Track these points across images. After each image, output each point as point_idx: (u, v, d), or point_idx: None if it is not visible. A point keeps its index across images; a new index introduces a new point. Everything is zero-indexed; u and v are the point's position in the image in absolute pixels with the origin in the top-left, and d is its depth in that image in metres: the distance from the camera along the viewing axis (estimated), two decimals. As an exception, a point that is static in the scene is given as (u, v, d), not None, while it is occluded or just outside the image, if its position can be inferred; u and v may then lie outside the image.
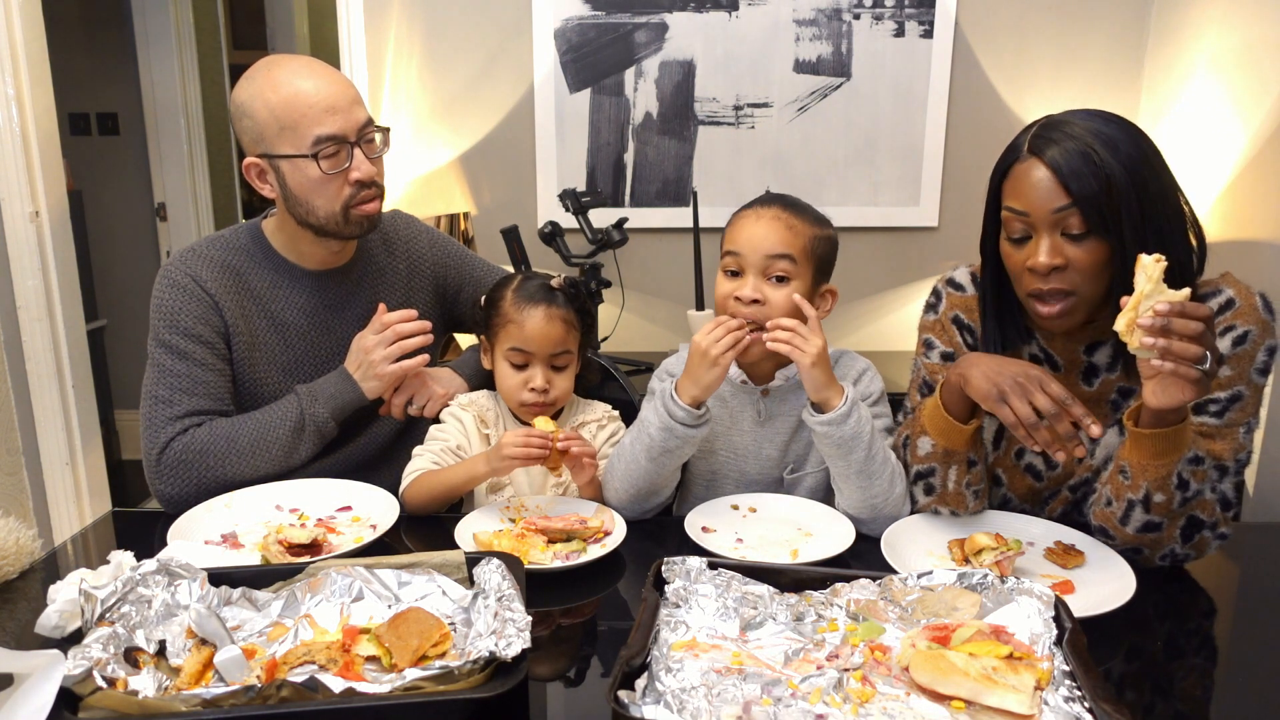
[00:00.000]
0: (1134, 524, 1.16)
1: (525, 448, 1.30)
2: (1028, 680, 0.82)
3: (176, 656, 0.90)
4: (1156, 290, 1.01)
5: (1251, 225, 2.12)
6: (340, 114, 1.38)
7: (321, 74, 1.40)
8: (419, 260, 1.65)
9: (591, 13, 2.58)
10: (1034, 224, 1.17)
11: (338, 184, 1.41)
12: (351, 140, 1.40)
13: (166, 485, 1.39)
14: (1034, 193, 1.16)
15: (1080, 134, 1.15)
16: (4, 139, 2.19)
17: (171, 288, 1.44)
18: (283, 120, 1.37)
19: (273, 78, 1.38)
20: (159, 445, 1.39)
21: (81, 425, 2.40)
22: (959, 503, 1.29)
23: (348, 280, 1.55)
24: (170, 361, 1.42)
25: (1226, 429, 1.19)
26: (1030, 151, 1.17)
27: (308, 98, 1.37)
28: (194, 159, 3.81)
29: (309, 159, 1.38)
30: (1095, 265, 1.15)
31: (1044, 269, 1.16)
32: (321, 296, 1.53)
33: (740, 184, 2.69)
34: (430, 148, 2.70)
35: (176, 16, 3.65)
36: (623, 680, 0.82)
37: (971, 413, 1.24)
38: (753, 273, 1.36)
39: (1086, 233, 1.14)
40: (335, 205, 1.42)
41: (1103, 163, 1.12)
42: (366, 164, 1.42)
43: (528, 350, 1.44)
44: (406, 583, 1.02)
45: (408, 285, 1.62)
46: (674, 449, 1.32)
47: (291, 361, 1.52)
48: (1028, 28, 2.59)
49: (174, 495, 1.39)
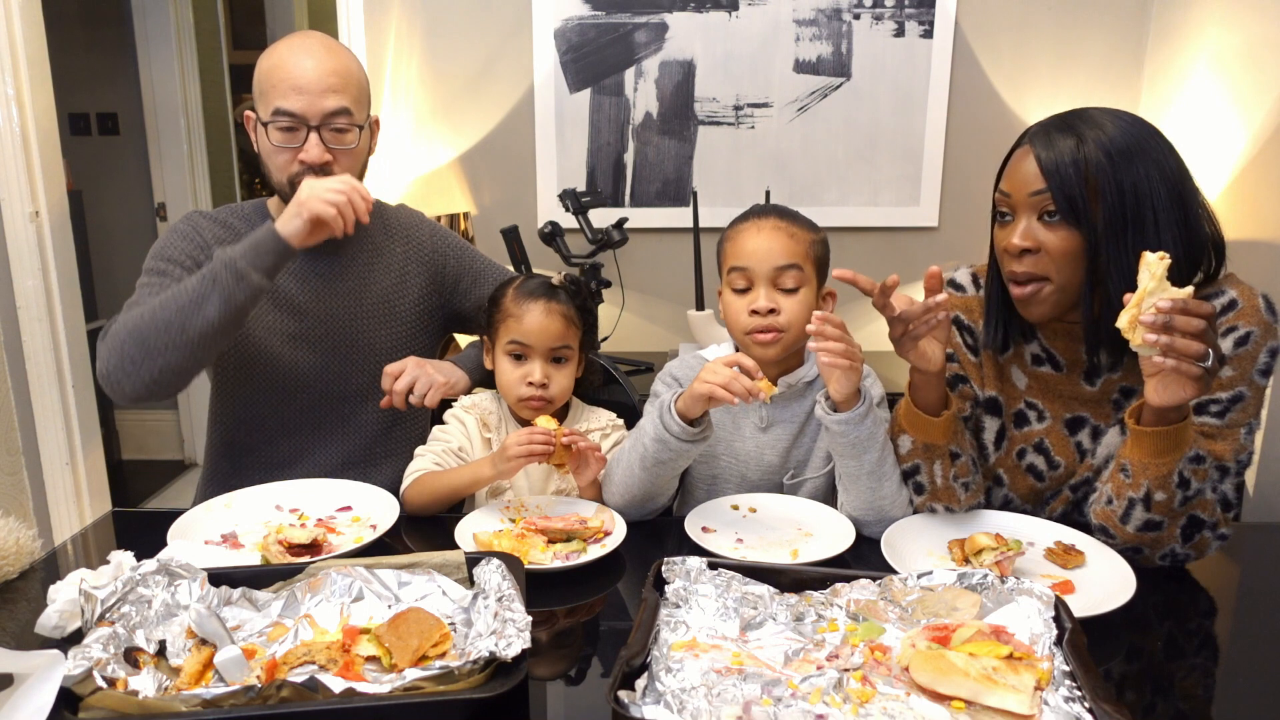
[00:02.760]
0: (1134, 523, 1.16)
1: (529, 445, 1.30)
2: (1028, 680, 0.82)
3: (176, 656, 0.89)
4: (1160, 287, 1.01)
5: (1252, 225, 2.12)
6: (304, 95, 1.42)
7: (313, 55, 1.44)
8: (417, 246, 1.66)
9: (591, 13, 2.58)
10: (1014, 206, 1.22)
11: (286, 158, 1.46)
12: (311, 124, 1.43)
13: (101, 362, 1.36)
14: (1018, 176, 1.21)
15: (1078, 126, 1.18)
16: (4, 139, 2.19)
17: (170, 232, 1.53)
18: (261, 84, 1.46)
19: (278, 46, 1.47)
20: (104, 330, 1.39)
21: (81, 425, 2.40)
22: (950, 498, 1.29)
23: (341, 254, 1.58)
24: (147, 279, 1.47)
25: (1228, 429, 1.19)
26: (1027, 138, 1.22)
27: (281, 71, 1.43)
28: (194, 159, 3.81)
29: (265, 126, 1.45)
30: (1067, 253, 1.18)
31: (1014, 250, 1.20)
32: (313, 264, 1.56)
33: (740, 184, 2.69)
34: (430, 148, 2.70)
35: (176, 16, 3.65)
36: (623, 680, 0.82)
37: (943, 405, 1.25)
38: (763, 284, 1.37)
39: (1060, 219, 1.17)
40: (282, 176, 1.48)
41: (1086, 153, 1.15)
42: (317, 149, 1.44)
43: (526, 344, 1.44)
44: (406, 583, 1.02)
45: (403, 268, 1.64)
46: (668, 460, 1.31)
47: (276, 321, 1.54)
48: (1028, 28, 2.59)
49: (104, 369, 1.35)
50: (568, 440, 1.32)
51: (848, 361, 1.22)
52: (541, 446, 1.30)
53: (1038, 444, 1.34)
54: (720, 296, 1.45)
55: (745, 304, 1.38)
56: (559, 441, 1.32)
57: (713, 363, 1.26)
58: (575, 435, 1.34)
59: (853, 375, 1.24)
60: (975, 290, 1.40)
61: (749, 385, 1.22)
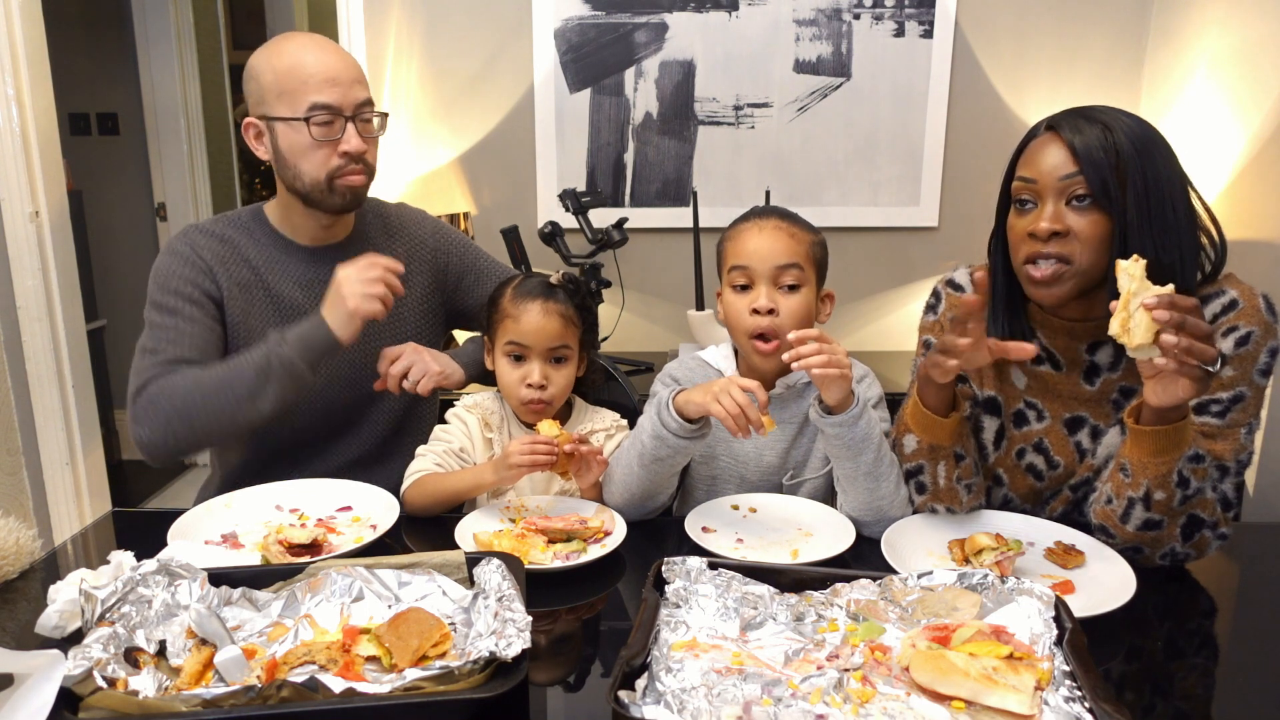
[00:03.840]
0: (1134, 522, 1.16)
1: (532, 455, 1.30)
2: (1028, 680, 0.82)
3: (176, 656, 0.89)
4: (1142, 288, 1.02)
5: (1251, 225, 2.12)
6: (339, 87, 1.42)
7: (329, 50, 1.45)
8: (419, 246, 1.66)
9: (591, 13, 2.58)
10: (1040, 191, 1.21)
11: (326, 152, 1.44)
12: (347, 115, 1.44)
13: (140, 427, 1.40)
14: (1044, 161, 1.20)
15: (1098, 116, 1.19)
16: (4, 139, 2.19)
17: (169, 255, 1.49)
18: (283, 84, 1.42)
19: (283, 47, 1.45)
20: (136, 387, 1.41)
21: (81, 425, 2.40)
22: (952, 498, 1.29)
23: (344, 257, 1.56)
24: (159, 318, 1.45)
25: (1228, 429, 1.19)
26: (1047, 128, 1.22)
27: (309, 67, 1.42)
28: (194, 159, 3.81)
29: (302, 123, 1.42)
30: (1095, 237, 1.18)
31: (1044, 233, 1.19)
32: (316, 271, 1.55)
33: (740, 184, 2.69)
34: (430, 148, 2.70)
35: (176, 16, 3.65)
36: (623, 680, 0.82)
37: (951, 407, 1.25)
38: (764, 284, 1.37)
39: (1091, 203, 1.17)
40: (321, 173, 1.45)
41: (1114, 140, 1.16)
42: (356, 139, 1.45)
43: (524, 344, 1.44)
44: (406, 583, 1.02)
45: (405, 268, 1.62)
46: (666, 458, 1.31)
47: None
48: (1028, 28, 2.59)
49: (146, 439, 1.40)
50: (570, 448, 1.32)
51: (836, 370, 1.22)
52: (545, 457, 1.30)
53: (1037, 444, 1.34)
54: (719, 297, 1.46)
55: (746, 303, 1.38)
56: (561, 450, 1.32)
57: (728, 382, 1.26)
58: (577, 442, 1.34)
59: (842, 382, 1.25)
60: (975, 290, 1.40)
61: (755, 420, 1.22)
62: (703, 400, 1.26)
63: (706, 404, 1.25)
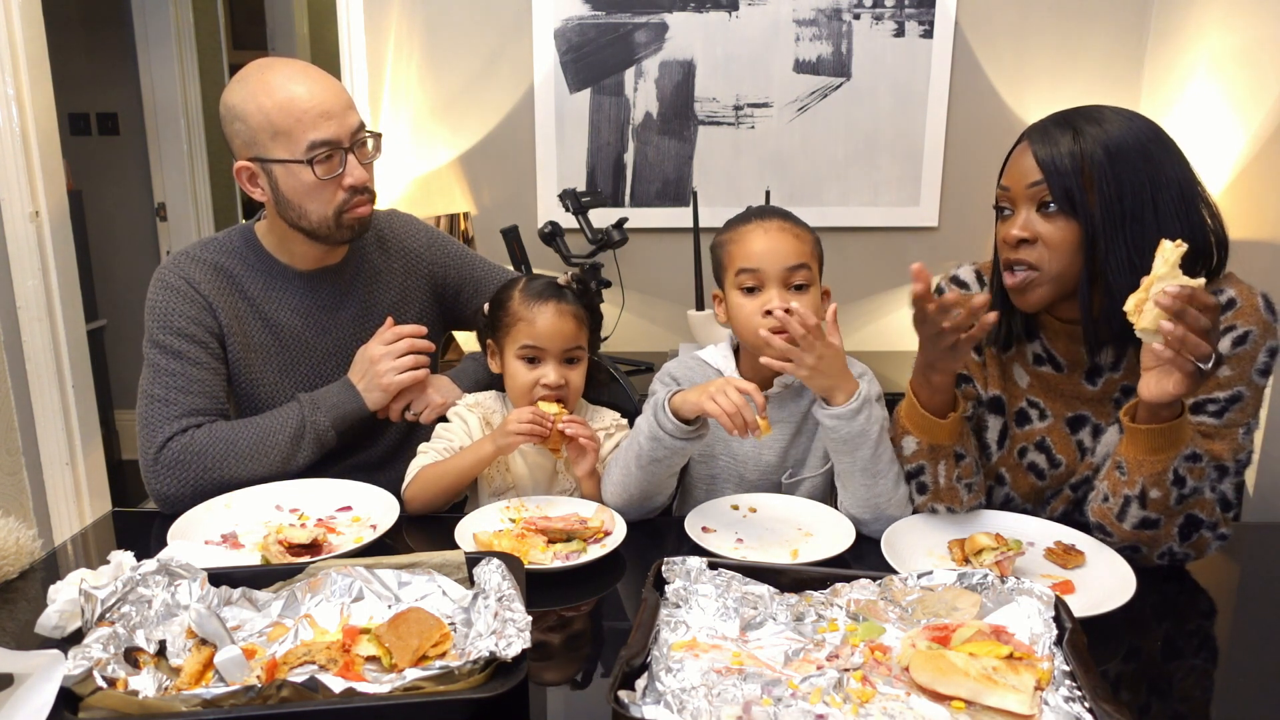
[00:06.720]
0: (1130, 520, 1.16)
1: (530, 425, 1.34)
2: (1028, 680, 0.82)
3: (176, 656, 0.90)
4: (1171, 275, 1.01)
5: (1251, 225, 2.12)
6: (335, 119, 1.38)
7: (315, 79, 1.39)
8: (415, 259, 1.64)
9: (591, 13, 2.58)
10: (1014, 199, 1.24)
11: (331, 189, 1.40)
12: (345, 146, 1.40)
13: (163, 484, 1.39)
14: (1016, 169, 1.23)
15: (1077, 122, 1.20)
16: (4, 139, 2.19)
17: (165, 289, 1.44)
18: (277, 124, 1.36)
19: (266, 81, 1.37)
20: (157, 444, 1.39)
21: (81, 425, 2.40)
22: (953, 498, 1.29)
23: (341, 280, 1.55)
24: (165, 361, 1.42)
25: (1226, 429, 1.19)
26: (1025, 134, 1.25)
27: (302, 102, 1.36)
28: (194, 159, 3.81)
29: (303, 164, 1.37)
30: (1063, 244, 1.19)
31: (1012, 240, 1.22)
32: (315, 297, 1.53)
33: (740, 184, 2.69)
34: (430, 148, 2.70)
35: (176, 16, 3.65)
36: (623, 680, 0.82)
37: (950, 407, 1.25)
38: (775, 285, 1.37)
39: (1057, 210, 1.19)
40: (328, 210, 1.42)
41: (1082, 146, 1.17)
42: (359, 169, 1.42)
43: (540, 346, 1.44)
44: (406, 583, 1.02)
45: (403, 285, 1.62)
46: (663, 459, 1.31)
47: (288, 362, 1.52)
48: (1028, 28, 2.59)
49: (171, 495, 1.38)
50: (566, 429, 1.36)
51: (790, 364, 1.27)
52: (542, 429, 1.36)
53: (1039, 442, 1.34)
54: (718, 300, 1.45)
55: (757, 305, 1.37)
56: (557, 428, 1.36)
57: (724, 382, 1.26)
58: (573, 422, 1.37)
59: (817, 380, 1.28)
60: (979, 287, 1.40)
61: (751, 420, 1.22)
62: (698, 400, 1.26)
63: (702, 403, 1.25)
